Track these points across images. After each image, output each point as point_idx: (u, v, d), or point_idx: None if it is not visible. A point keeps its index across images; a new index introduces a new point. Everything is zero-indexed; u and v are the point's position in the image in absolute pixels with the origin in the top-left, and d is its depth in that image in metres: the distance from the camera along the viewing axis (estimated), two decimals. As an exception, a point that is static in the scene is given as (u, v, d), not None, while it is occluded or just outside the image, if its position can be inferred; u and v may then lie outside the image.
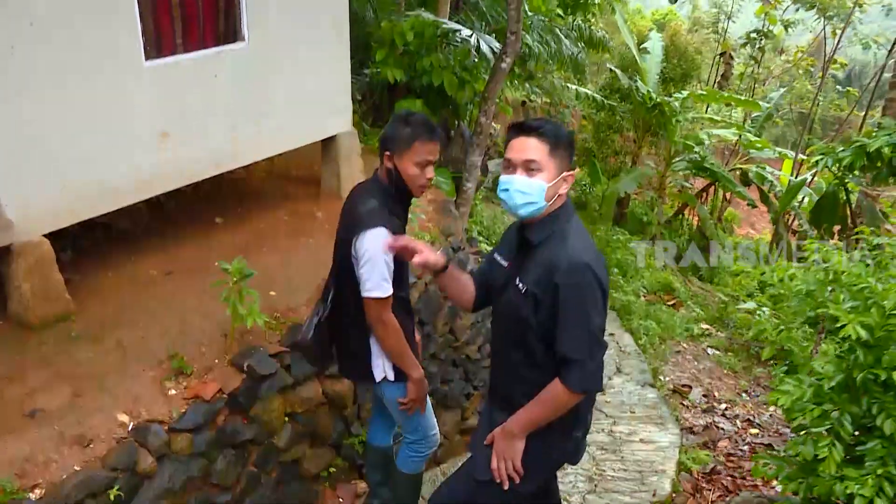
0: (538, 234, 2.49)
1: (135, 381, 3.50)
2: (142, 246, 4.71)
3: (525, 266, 2.51)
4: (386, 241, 2.75)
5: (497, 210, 12.74)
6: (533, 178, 2.41)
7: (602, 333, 2.42)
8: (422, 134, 2.87)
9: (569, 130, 2.50)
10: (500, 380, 2.73)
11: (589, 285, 2.36)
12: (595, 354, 2.40)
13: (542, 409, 2.50)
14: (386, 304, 2.94)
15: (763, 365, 9.07)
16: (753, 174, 15.53)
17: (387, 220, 2.88)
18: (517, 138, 2.46)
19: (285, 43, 4.67)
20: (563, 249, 2.40)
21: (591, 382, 2.44)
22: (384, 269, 2.86)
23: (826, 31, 20.18)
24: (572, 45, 10.86)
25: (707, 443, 5.93)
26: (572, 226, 2.49)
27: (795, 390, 2.89)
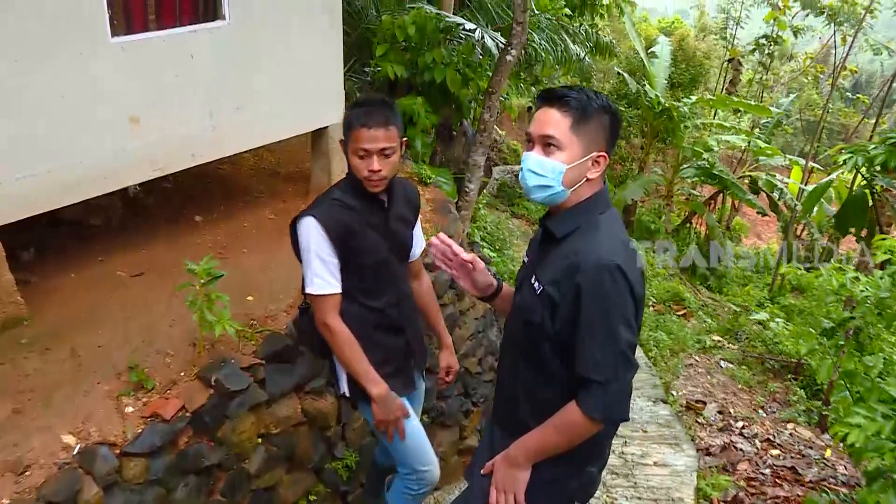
0: (563, 225, 2.06)
1: (87, 397, 3.07)
2: (112, 245, 4.29)
3: (545, 262, 2.09)
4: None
5: (502, 216, 12.35)
6: (550, 156, 1.99)
7: (632, 350, 1.96)
8: (357, 120, 2.50)
9: (607, 101, 2.03)
10: (506, 396, 2.29)
11: (617, 291, 1.91)
12: (621, 376, 1.95)
13: (553, 437, 2.06)
14: (323, 304, 2.59)
15: (780, 380, 8.65)
16: (763, 182, 15.16)
17: (325, 210, 2.56)
18: (540, 108, 2.04)
19: (271, 23, 4.25)
20: (591, 245, 1.97)
21: (615, 410, 1.99)
22: (316, 263, 2.54)
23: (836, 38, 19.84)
24: (579, 48, 10.49)
25: (726, 465, 5.51)
26: (606, 218, 2.05)
27: (869, 424, 2.38)
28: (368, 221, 2.64)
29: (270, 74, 4.33)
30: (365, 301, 2.70)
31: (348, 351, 2.62)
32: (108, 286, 3.86)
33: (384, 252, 2.71)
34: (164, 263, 4.10)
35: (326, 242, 2.54)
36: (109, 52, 3.47)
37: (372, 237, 2.65)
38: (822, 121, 16.24)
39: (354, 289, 2.66)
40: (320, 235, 2.53)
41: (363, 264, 2.65)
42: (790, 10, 19.53)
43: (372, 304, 2.72)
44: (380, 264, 2.70)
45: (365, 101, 2.59)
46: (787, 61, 23.01)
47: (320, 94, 4.71)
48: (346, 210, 2.59)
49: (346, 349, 2.62)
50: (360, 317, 2.70)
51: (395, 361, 2.83)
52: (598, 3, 12.79)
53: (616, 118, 2.05)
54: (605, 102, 2.02)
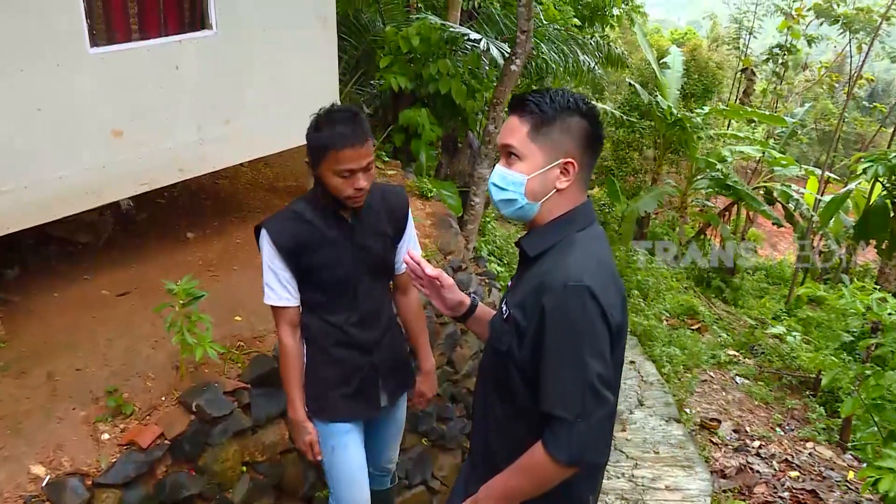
0: (536, 244, 1.85)
1: (61, 424, 2.92)
2: (100, 262, 4.16)
3: (517, 284, 1.90)
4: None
5: (512, 229, 12.18)
6: (511, 167, 1.80)
7: (604, 384, 1.69)
8: (335, 141, 2.31)
9: (576, 102, 1.80)
10: (479, 431, 2.08)
11: (586, 317, 1.67)
12: (590, 412, 1.68)
13: (519, 481, 1.83)
14: (275, 315, 2.56)
15: (798, 396, 8.39)
16: (778, 192, 14.92)
17: (278, 222, 2.49)
18: (508, 117, 1.86)
19: (261, 33, 4.11)
20: (560, 265, 1.74)
21: (584, 450, 1.71)
22: (268, 274, 2.50)
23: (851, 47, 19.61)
24: (589, 57, 10.34)
25: (741, 489, 5.27)
26: (584, 236, 1.82)
27: None
28: (326, 236, 2.48)
29: (261, 86, 4.20)
30: (325, 316, 2.58)
31: (283, 365, 2.61)
32: (91, 306, 3.72)
33: (347, 268, 2.54)
34: (150, 282, 3.94)
35: (277, 255, 2.45)
36: (89, 64, 3.34)
37: (330, 253, 2.49)
38: (838, 130, 15.99)
39: (314, 302, 2.57)
40: (270, 247, 2.45)
41: (321, 279, 2.52)
42: (804, 20, 19.31)
43: (331, 320, 2.59)
44: (340, 281, 2.55)
45: (336, 116, 2.38)
46: (801, 71, 22.75)
47: (314, 106, 4.53)
48: (301, 223, 2.46)
49: (283, 363, 2.61)
50: (321, 330, 2.60)
51: (357, 382, 2.67)
52: (608, 14, 12.67)
53: (590, 118, 1.80)
54: (573, 103, 1.79)
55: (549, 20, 10.03)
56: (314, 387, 2.62)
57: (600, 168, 16.34)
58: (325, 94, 4.59)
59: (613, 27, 13.73)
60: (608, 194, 15.66)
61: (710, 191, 15.28)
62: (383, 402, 2.76)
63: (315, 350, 2.61)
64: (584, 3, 12.65)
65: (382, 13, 8.55)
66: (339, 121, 2.35)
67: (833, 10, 19.11)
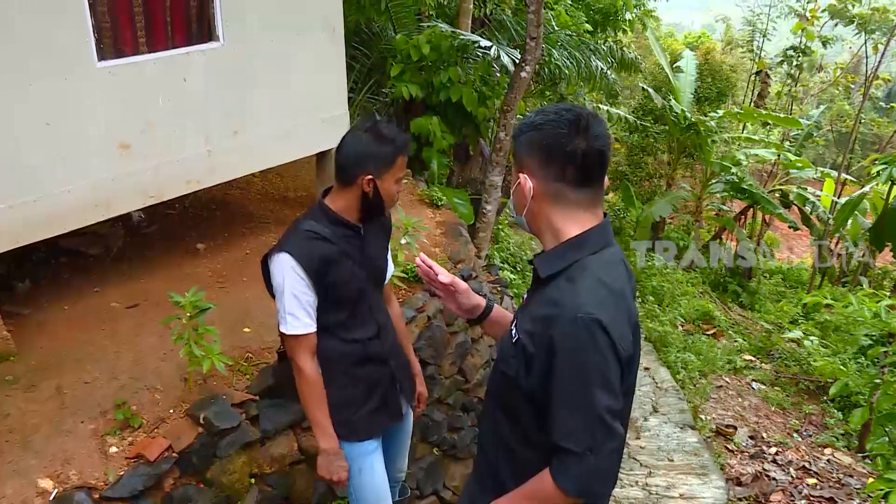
0: (548, 265, 1.82)
1: (69, 437, 2.92)
2: (110, 275, 4.18)
3: (528, 306, 1.87)
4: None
5: (526, 237, 12.13)
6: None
7: (614, 417, 1.67)
8: (402, 146, 2.49)
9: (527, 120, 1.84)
10: (485, 451, 2.06)
11: (596, 349, 1.64)
12: (601, 446, 1.66)
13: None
14: (295, 343, 2.49)
15: (815, 401, 8.28)
16: (794, 195, 14.77)
17: (298, 245, 2.44)
18: None
19: (269, 44, 4.13)
20: (570, 294, 1.71)
21: (592, 483, 1.71)
22: (289, 300, 2.44)
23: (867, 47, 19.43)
24: (602, 62, 10.30)
25: (757, 496, 5.19)
26: (596, 260, 1.78)
27: None
28: (344, 250, 2.51)
29: (269, 96, 4.20)
30: (345, 336, 2.59)
31: (309, 395, 2.54)
32: (100, 319, 3.73)
33: (361, 281, 2.60)
34: (160, 294, 3.94)
35: (302, 279, 2.43)
36: (96, 77, 3.36)
37: (349, 267, 2.52)
38: (855, 132, 15.85)
39: (333, 324, 2.56)
40: (294, 272, 2.41)
41: (342, 296, 2.53)
42: (818, 21, 19.16)
43: (352, 338, 2.61)
44: (359, 295, 2.59)
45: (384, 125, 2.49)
46: (816, 72, 22.56)
47: (323, 115, 4.57)
48: (320, 241, 2.46)
49: (307, 393, 2.54)
50: (341, 353, 2.60)
51: (379, 394, 2.73)
52: (620, 19, 12.63)
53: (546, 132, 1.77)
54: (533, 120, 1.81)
55: (561, 26, 10.01)
56: (340, 411, 2.61)
57: (615, 173, 16.25)
58: (334, 105, 4.62)
59: (626, 32, 13.68)
60: (623, 199, 15.60)
61: (726, 194, 15.17)
62: (404, 410, 2.85)
63: (336, 373, 2.60)
64: (596, 8, 12.62)
65: (394, 21, 8.55)
66: (392, 129, 2.49)
67: (848, 11, 18.96)
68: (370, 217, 2.60)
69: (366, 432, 2.70)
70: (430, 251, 4.79)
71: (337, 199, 2.56)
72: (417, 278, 4.44)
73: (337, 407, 2.58)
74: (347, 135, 2.53)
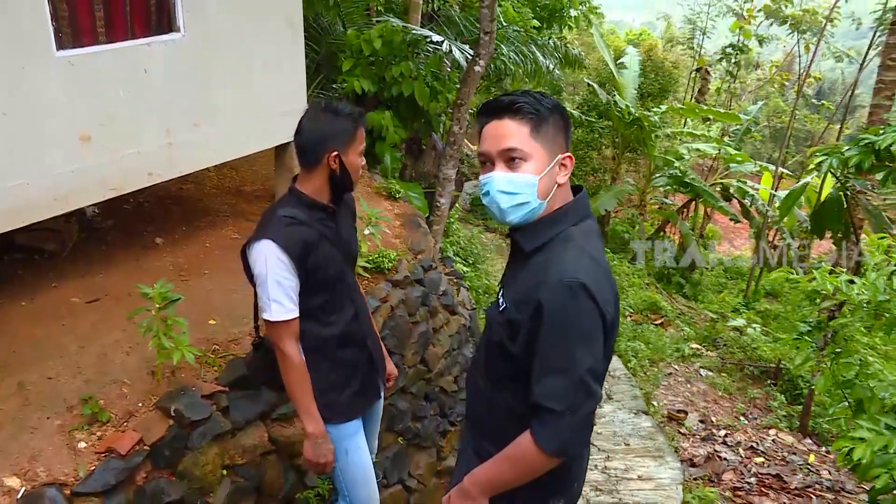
0: (533, 238, 1.88)
1: (36, 434, 2.86)
2: (67, 270, 4.09)
3: (513, 277, 1.93)
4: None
5: (475, 230, 12.23)
6: (517, 171, 1.82)
7: (595, 378, 1.76)
8: (360, 119, 2.54)
9: (554, 100, 1.89)
10: (472, 417, 2.14)
11: (579, 312, 1.72)
12: (579, 406, 1.74)
13: (505, 469, 1.89)
14: (280, 330, 2.48)
15: (759, 385, 8.59)
16: (735, 189, 15.21)
17: (279, 230, 2.45)
18: (489, 123, 1.87)
19: (229, 36, 4.10)
20: (558, 260, 1.79)
21: (570, 442, 1.78)
22: (273, 287, 2.43)
23: (799, 46, 20.12)
24: (549, 59, 10.43)
25: (710, 476, 5.39)
26: (578, 231, 1.87)
27: (876, 438, 2.20)
28: (322, 234, 2.54)
29: (229, 89, 4.17)
30: (325, 319, 2.62)
31: (295, 380, 2.53)
32: (60, 314, 3.65)
33: (339, 263, 2.64)
34: (121, 288, 3.90)
35: (285, 265, 2.43)
36: (56, 67, 3.29)
37: (327, 249, 2.56)
38: (790, 128, 16.38)
39: (314, 308, 2.57)
40: (277, 258, 2.41)
41: (322, 279, 2.55)
42: (755, 20, 19.77)
43: (333, 321, 2.64)
44: (337, 277, 2.63)
45: (338, 103, 2.54)
46: (752, 70, 23.27)
47: (283, 108, 4.55)
48: (299, 226, 2.48)
49: (293, 378, 2.53)
50: (323, 337, 2.62)
51: (360, 376, 2.78)
52: (565, 16, 12.80)
53: (565, 115, 1.89)
54: (554, 101, 1.88)
55: (508, 22, 10.09)
56: (325, 394, 2.63)
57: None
58: (294, 98, 4.61)
59: (571, 28, 13.87)
60: (569, 193, 15.83)
61: (669, 188, 15.53)
62: (381, 390, 2.90)
63: (318, 358, 2.61)
64: (542, 4, 12.77)
65: (343, 17, 8.52)
66: (346, 106, 2.52)
67: (781, 11, 19.61)
68: (341, 195, 2.63)
69: (350, 413, 2.74)
70: (392, 242, 4.81)
71: (306, 183, 2.58)
72: (380, 268, 4.46)
73: (321, 391, 2.60)
74: (304, 119, 2.54)
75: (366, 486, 2.82)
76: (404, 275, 4.57)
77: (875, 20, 17.31)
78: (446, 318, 5.09)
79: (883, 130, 4.89)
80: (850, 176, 5.73)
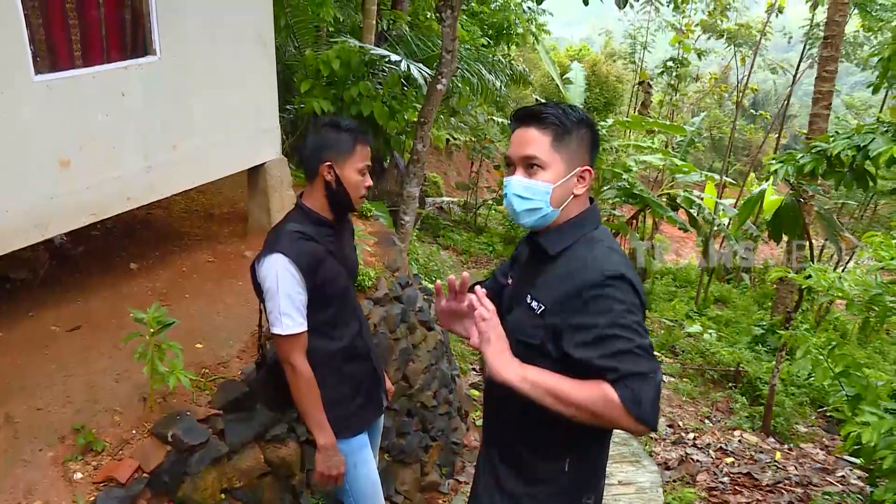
0: (557, 241, 1.96)
1: (29, 466, 2.80)
2: (42, 299, 3.99)
3: (539, 280, 1.97)
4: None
5: (431, 248, 12.28)
6: (534, 177, 1.91)
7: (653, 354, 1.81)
8: (360, 136, 2.57)
9: (584, 114, 1.98)
10: (502, 425, 2.14)
11: (629, 298, 1.80)
12: (657, 368, 1.74)
13: (576, 394, 1.76)
14: (290, 344, 2.50)
15: (720, 389, 8.82)
16: (682, 199, 15.60)
17: (290, 245, 2.48)
18: (517, 130, 1.97)
19: (204, 58, 4.09)
20: (594, 259, 1.87)
21: (653, 413, 1.72)
22: (284, 301, 2.45)
23: (736, 59, 20.87)
24: (496, 77, 10.59)
25: (686, 478, 5.51)
26: (600, 233, 1.98)
27: (880, 422, 2.32)
28: (328, 249, 2.59)
29: (206, 111, 4.15)
30: (332, 334, 2.65)
31: (306, 394, 2.55)
32: (41, 343, 3.57)
33: (344, 278, 2.69)
34: (101, 315, 3.83)
35: (296, 279, 2.45)
36: (34, 92, 3.23)
37: (334, 265, 2.61)
38: (732, 138, 16.94)
39: (322, 323, 2.60)
40: (288, 272, 2.44)
41: (330, 294, 2.58)
42: (693, 34, 20.44)
43: (339, 336, 2.68)
44: (343, 292, 2.67)
45: (341, 119, 2.59)
46: (692, 82, 24.02)
47: (257, 130, 4.55)
48: (307, 241, 2.52)
49: (304, 392, 2.55)
50: (329, 353, 2.66)
51: (365, 389, 2.82)
52: (513, 33, 13.03)
53: (594, 130, 1.99)
54: (583, 115, 1.97)
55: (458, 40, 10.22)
56: (334, 408, 2.64)
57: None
58: (267, 118, 4.61)
59: (517, 45, 14.11)
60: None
61: (618, 200, 15.84)
62: (385, 403, 2.95)
63: (325, 373, 2.62)
64: (489, 23, 12.99)
65: (295, 38, 8.53)
66: (349, 122, 2.56)
67: (718, 26, 20.33)
68: (341, 212, 2.66)
69: (358, 427, 2.78)
70: (368, 261, 4.83)
71: (309, 197, 2.64)
72: (361, 287, 4.48)
73: (330, 405, 2.62)
74: (309, 132, 2.60)
75: (374, 499, 2.84)
76: (384, 292, 4.60)
77: (804, 34, 18.11)
78: (424, 334, 5.12)
79: (833, 138, 5.12)
80: (803, 182, 5.98)
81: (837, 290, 3.25)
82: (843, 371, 2.94)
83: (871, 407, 2.43)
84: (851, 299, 3.23)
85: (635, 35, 22.75)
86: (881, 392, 2.59)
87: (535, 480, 2.05)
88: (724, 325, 12.78)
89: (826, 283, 3.31)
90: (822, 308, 14.23)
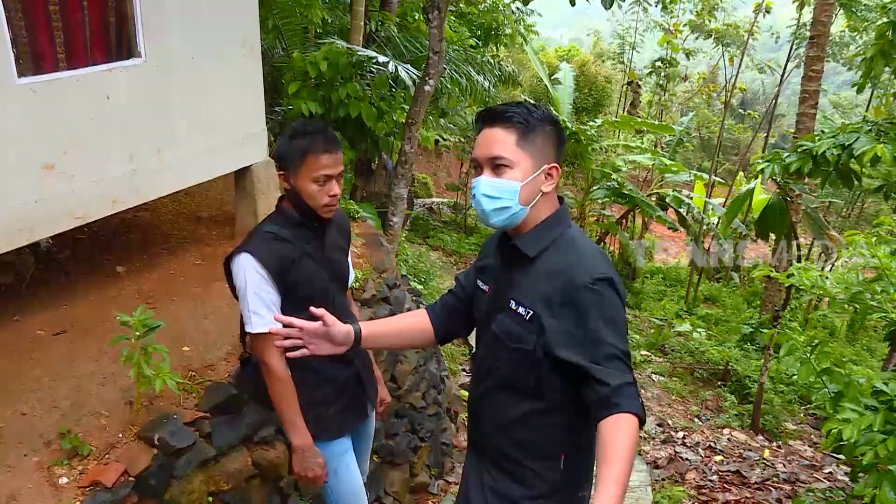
0: (535, 243, 1.97)
1: (13, 472, 2.78)
2: (28, 303, 3.97)
3: (519, 284, 1.98)
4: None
5: (421, 249, 12.28)
6: (501, 177, 1.92)
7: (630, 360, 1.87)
8: (314, 145, 2.46)
9: (547, 112, 2.00)
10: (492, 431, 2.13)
11: (612, 304, 1.84)
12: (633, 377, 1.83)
13: (626, 463, 1.67)
14: (262, 342, 2.52)
15: (710, 387, 8.86)
16: (671, 198, 15.67)
17: (259, 245, 2.51)
18: (482, 130, 1.98)
19: (189, 60, 4.07)
20: (578, 260, 1.90)
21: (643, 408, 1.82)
22: (253, 299, 2.48)
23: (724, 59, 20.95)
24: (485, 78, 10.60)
25: (675, 476, 5.53)
26: (575, 232, 2.00)
27: (860, 419, 2.35)
28: (304, 251, 2.58)
29: (192, 113, 4.14)
30: None
31: (280, 393, 2.55)
32: (26, 347, 3.54)
33: (324, 281, 2.67)
34: (87, 319, 3.82)
35: (263, 277, 2.47)
36: (18, 94, 3.22)
37: (310, 267, 2.60)
38: (720, 137, 17.01)
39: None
40: (256, 271, 2.46)
41: (305, 296, 2.55)
42: (681, 34, 20.52)
43: None
44: (322, 295, 2.63)
45: (310, 125, 2.53)
46: (680, 82, 24.12)
47: (243, 132, 4.54)
48: (280, 242, 2.53)
49: (278, 390, 2.55)
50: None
51: (347, 394, 2.79)
52: (501, 34, 13.04)
53: (559, 127, 2.00)
54: (547, 112, 1.98)
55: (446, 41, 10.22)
56: (312, 409, 2.63)
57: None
58: (253, 121, 4.60)
59: (506, 46, 14.13)
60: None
61: (607, 200, 15.89)
62: (369, 410, 2.91)
63: (302, 373, 2.61)
64: (477, 24, 13.00)
65: (283, 39, 8.51)
66: (313, 129, 2.49)
67: (706, 26, 20.41)
68: (310, 218, 2.61)
69: (337, 430, 2.75)
70: (356, 262, 4.83)
71: (288, 200, 2.64)
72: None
73: (308, 406, 2.62)
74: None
75: (358, 500, 2.82)
76: (372, 293, 4.60)
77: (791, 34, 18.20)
78: (412, 334, 5.11)
79: (818, 137, 5.15)
80: (790, 181, 6.02)
81: (820, 288, 3.27)
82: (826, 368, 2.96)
83: (852, 403, 2.46)
84: (833, 297, 3.25)
85: (624, 35, 22.84)
86: (863, 389, 2.62)
87: (531, 481, 2.05)
88: (713, 324, 12.83)
89: (809, 282, 3.33)
90: (811, 306, 14.32)
